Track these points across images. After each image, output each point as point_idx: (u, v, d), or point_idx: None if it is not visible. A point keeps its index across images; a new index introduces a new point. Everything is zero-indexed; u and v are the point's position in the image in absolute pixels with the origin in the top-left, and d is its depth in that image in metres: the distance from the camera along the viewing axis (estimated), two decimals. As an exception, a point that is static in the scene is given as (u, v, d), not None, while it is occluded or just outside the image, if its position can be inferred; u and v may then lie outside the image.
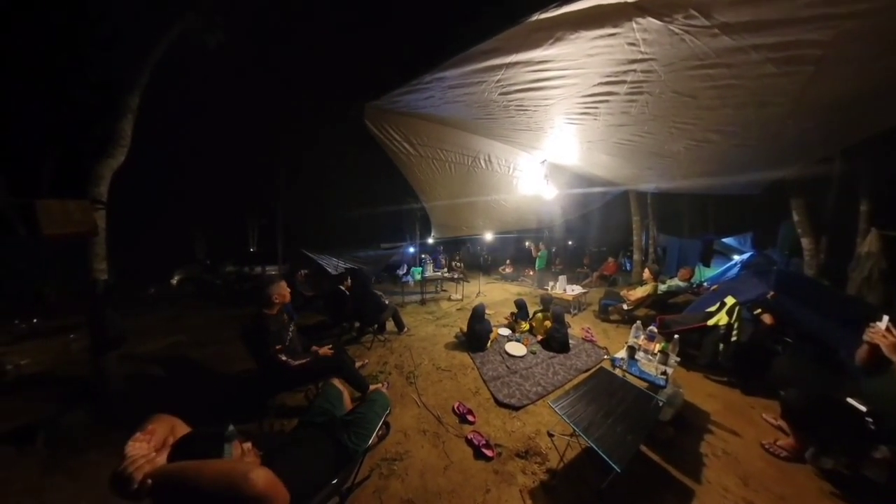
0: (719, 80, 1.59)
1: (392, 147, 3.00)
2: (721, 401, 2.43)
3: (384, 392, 1.73)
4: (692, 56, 1.41)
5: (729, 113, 1.91)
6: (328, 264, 5.79)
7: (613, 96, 1.84)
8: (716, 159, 2.66)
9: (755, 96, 1.71)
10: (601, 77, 1.66)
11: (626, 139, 2.51)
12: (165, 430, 0.88)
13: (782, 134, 2.11)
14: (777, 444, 1.86)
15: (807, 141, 2.22)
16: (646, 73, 1.58)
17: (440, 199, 4.19)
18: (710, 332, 2.87)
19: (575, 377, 2.81)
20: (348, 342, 3.68)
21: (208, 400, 2.54)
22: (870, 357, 1.58)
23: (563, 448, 1.85)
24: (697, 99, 1.79)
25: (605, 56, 1.47)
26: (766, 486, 1.62)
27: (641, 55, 1.44)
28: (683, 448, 1.89)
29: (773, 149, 2.36)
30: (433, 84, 1.81)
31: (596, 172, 4.09)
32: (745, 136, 2.19)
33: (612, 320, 4.47)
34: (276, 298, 2.03)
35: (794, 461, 1.77)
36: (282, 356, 1.92)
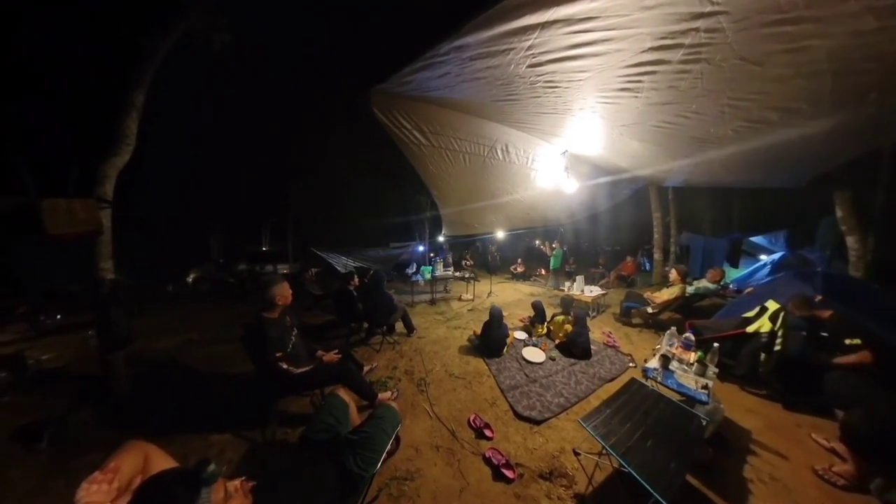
0: (799, 41, 1.31)
1: (402, 136, 2.78)
2: (762, 417, 2.16)
3: (393, 406, 1.56)
4: (774, 7, 1.14)
5: (800, 84, 1.60)
6: (337, 263, 5.68)
7: (663, 66, 1.57)
8: (767, 145, 2.31)
9: (838, 62, 1.42)
10: (653, 39, 1.39)
11: (667, 121, 2.20)
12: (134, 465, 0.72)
13: (859, 112, 1.77)
14: (832, 470, 1.61)
15: (885, 119, 1.87)
16: (710, 32, 1.30)
17: (453, 194, 3.97)
18: (749, 340, 2.57)
19: (599, 387, 2.56)
20: (356, 343, 3.50)
21: (214, 402, 2.43)
22: None
23: (591, 469, 1.63)
24: (764, 67, 1.50)
25: (665, 9, 1.21)
26: None
27: (711, 6, 1.17)
28: (725, 472, 1.65)
29: (840, 131, 2.02)
30: (451, 56, 1.58)
31: (620, 163, 3.76)
32: (811, 114, 1.87)
33: (634, 324, 4.16)
34: (279, 300, 1.86)
35: (852, 491, 1.52)
36: (282, 364, 1.74)
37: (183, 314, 5.26)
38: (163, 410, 2.29)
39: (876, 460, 1.51)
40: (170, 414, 2.24)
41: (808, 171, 2.99)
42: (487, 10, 1.25)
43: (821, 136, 2.08)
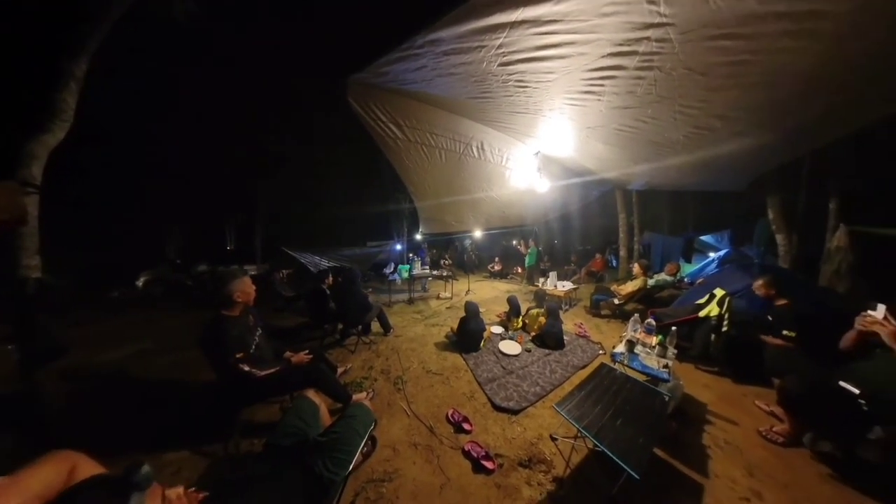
0: (734, 55, 1.49)
1: (378, 130, 2.74)
2: (715, 391, 2.42)
3: (366, 405, 1.49)
4: (713, 22, 1.29)
5: (737, 95, 1.82)
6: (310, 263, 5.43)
7: (621, 71, 1.69)
8: (713, 149, 2.58)
9: (766, 75, 1.63)
10: (612, 45, 1.50)
11: (627, 125, 2.38)
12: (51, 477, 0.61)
13: (785, 119, 2.04)
14: (773, 430, 1.87)
15: (804, 130, 2.17)
16: (660, 42, 1.43)
17: (429, 190, 3.97)
18: (701, 324, 2.88)
19: (573, 374, 2.69)
20: (330, 346, 3.35)
21: (170, 416, 2.19)
22: (857, 343, 1.68)
23: (567, 452, 1.71)
24: (708, 77, 1.68)
25: (621, 17, 1.31)
26: (769, 475, 1.61)
27: (660, 18, 1.29)
28: (687, 442, 1.83)
29: (772, 138, 2.30)
30: (426, 49, 1.59)
31: (590, 166, 4.00)
32: (748, 123, 2.12)
33: (603, 315, 4.45)
34: (238, 297, 1.71)
35: (790, 446, 1.78)
36: (244, 366, 1.60)
37: (133, 322, 4.73)
38: (106, 429, 2.02)
39: (805, 418, 1.76)
40: (115, 433, 1.99)
41: (747, 175, 3.39)
42: (458, 7, 1.28)
43: (756, 142, 2.37)
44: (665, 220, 8.25)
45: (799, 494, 1.48)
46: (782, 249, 4.43)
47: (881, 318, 1.50)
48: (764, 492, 1.49)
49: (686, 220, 8.04)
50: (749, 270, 3.43)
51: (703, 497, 1.47)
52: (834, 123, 2.11)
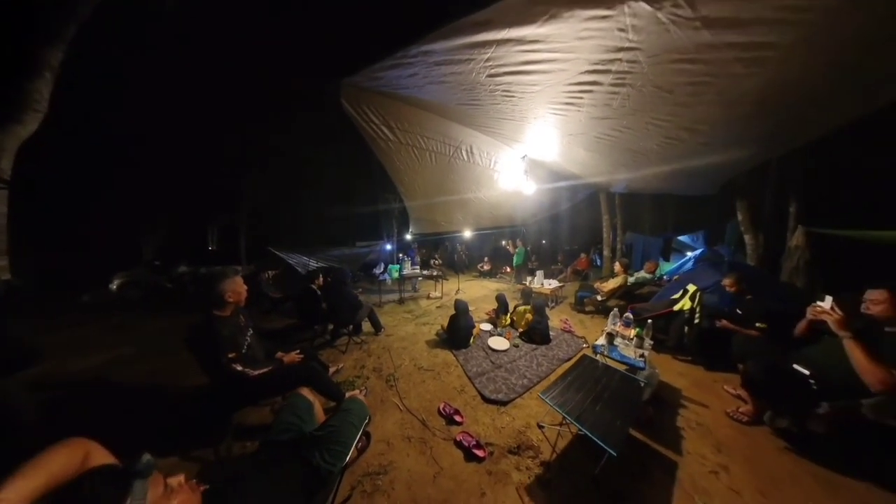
0: (695, 77, 1.66)
1: (370, 131, 2.80)
2: (689, 378, 2.64)
3: (360, 399, 1.56)
4: (674, 48, 1.45)
5: (699, 111, 2.01)
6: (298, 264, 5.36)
7: (598, 86, 1.85)
8: (683, 158, 2.82)
9: (722, 95, 1.82)
10: (588, 64, 1.65)
11: (606, 133, 2.56)
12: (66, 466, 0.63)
13: (741, 134, 2.26)
14: (739, 411, 2.08)
15: (759, 141, 2.41)
16: (630, 63, 1.59)
17: (419, 191, 4.05)
18: (676, 317, 3.12)
19: (558, 367, 2.84)
20: (321, 346, 3.35)
21: (156, 423, 2.15)
22: (808, 329, 1.92)
23: (554, 438, 1.83)
24: (674, 94, 1.85)
25: (595, 41, 1.45)
26: (735, 450, 1.80)
27: (629, 43, 1.44)
28: (662, 424, 2.00)
29: (732, 148, 2.54)
30: (418, 59, 1.68)
31: (573, 170, 4.20)
32: (711, 135, 2.33)
33: (588, 311, 4.67)
34: (230, 297, 1.71)
35: (753, 424, 1.99)
36: (237, 366, 1.61)
37: (110, 327, 4.54)
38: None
39: (766, 398, 1.96)
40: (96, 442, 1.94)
41: (716, 180, 3.67)
42: (449, 24, 1.38)
43: (719, 152, 2.60)
44: (646, 221, 8.68)
45: (760, 466, 1.68)
46: (750, 248, 4.79)
47: (828, 308, 1.67)
48: (730, 465, 1.67)
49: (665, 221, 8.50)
50: (719, 268, 3.69)
51: (677, 472, 1.62)
52: (784, 137, 2.36)
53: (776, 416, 1.90)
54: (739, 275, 2.91)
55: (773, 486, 1.55)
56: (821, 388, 1.68)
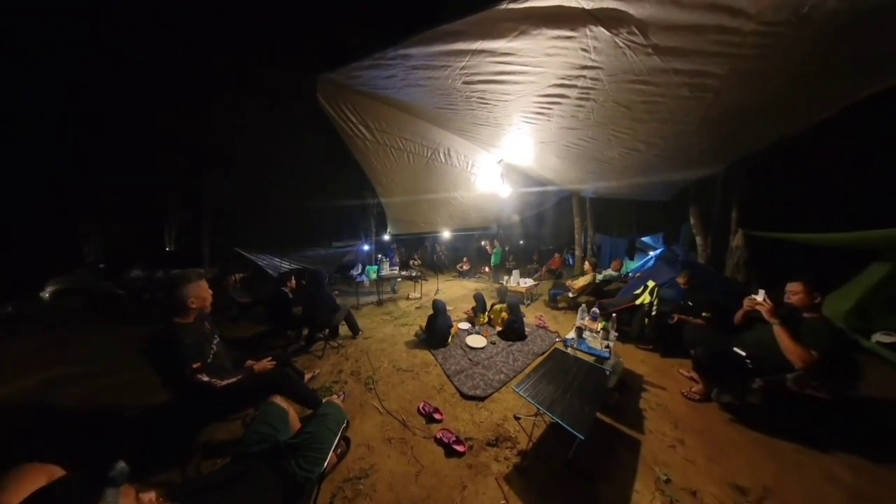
0: (648, 96, 1.86)
1: (347, 130, 2.77)
2: (649, 365, 2.90)
3: (337, 403, 1.51)
4: (630, 70, 1.62)
5: (654, 127, 2.24)
6: (269, 265, 5.08)
7: (565, 99, 1.99)
8: (641, 167, 3.10)
9: (672, 114, 2.05)
10: (556, 78, 1.78)
11: (574, 142, 2.75)
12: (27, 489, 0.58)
13: (689, 148, 2.54)
14: (692, 390, 2.34)
15: (705, 154, 2.72)
16: (593, 80, 1.75)
17: (397, 191, 4.05)
18: (637, 311, 3.42)
19: (533, 361, 2.99)
20: (295, 353, 3.24)
21: (102, 450, 1.93)
22: (744, 318, 2.22)
23: (530, 428, 1.93)
24: (631, 111, 2.05)
25: (562, 58, 1.58)
26: (689, 426, 2.02)
27: (591, 62, 1.58)
28: (628, 408, 2.19)
29: (682, 160, 2.84)
30: (397, 61, 1.71)
31: (547, 175, 4.43)
32: (664, 148, 2.61)
33: (560, 307, 4.93)
34: (193, 303, 1.57)
35: (703, 402, 2.25)
36: (202, 376, 1.50)
37: (42, 343, 3.97)
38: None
39: (712, 378, 2.23)
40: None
41: (672, 188, 4.07)
42: (427, 31, 1.43)
43: (675, 161, 2.90)
44: (613, 223, 9.34)
45: (710, 437, 1.91)
46: (700, 248, 5.34)
47: (761, 300, 1.91)
48: (686, 438, 1.89)
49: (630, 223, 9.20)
50: (674, 265, 4.10)
51: (641, 449, 1.79)
52: (724, 153, 2.70)
53: (721, 393, 2.20)
54: (691, 272, 3.27)
55: (721, 454, 1.79)
56: (755, 366, 1.98)
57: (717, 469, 1.67)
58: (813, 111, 1.97)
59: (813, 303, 1.87)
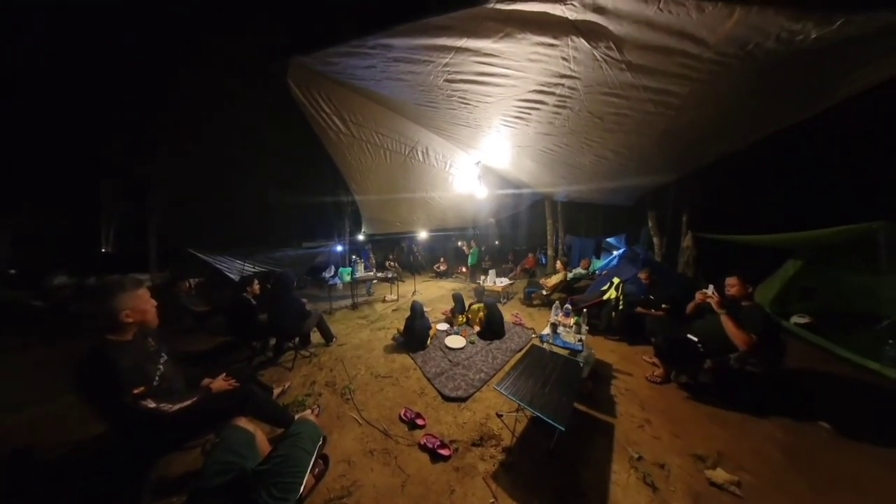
0: (619, 109, 2.02)
1: (320, 121, 2.60)
2: (618, 353, 3.14)
3: (311, 420, 1.44)
4: (605, 82, 1.74)
5: (620, 137, 2.42)
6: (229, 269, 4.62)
7: (544, 105, 2.07)
8: (608, 174, 3.33)
9: (639, 126, 2.23)
10: (536, 84, 1.84)
11: (549, 148, 2.87)
12: None
13: (650, 158, 2.79)
14: (654, 374, 2.61)
15: (663, 165, 2.99)
16: (571, 89, 1.84)
17: (372, 189, 3.90)
18: (605, 305, 3.72)
19: (511, 358, 3.07)
20: (262, 366, 2.98)
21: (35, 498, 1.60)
22: (695, 309, 2.54)
23: (512, 424, 1.99)
24: (603, 121, 2.20)
25: (543, 65, 1.64)
26: (653, 406, 2.25)
27: (570, 72, 1.66)
28: (600, 395, 2.36)
29: (646, 169, 3.10)
30: (377, 52, 1.64)
31: (522, 178, 4.57)
32: (629, 157, 2.83)
33: (535, 305, 5.15)
34: (128, 316, 1.31)
35: (664, 384, 2.52)
36: (147, 402, 1.27)
37: None
38: None
39: (671, 362, 2.51)
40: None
41: (633, 195, 4.43)
42: (411, 22, 1.39)
43: (635, 172, 3.15)
44: (582, 225, 9.98)
45: (672, 414, 2.15)
46: (657, 248, 5.92)
47: (710, 293, 2.21)
48: (651, 418, 2.10)
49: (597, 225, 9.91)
50: (636, 263, 4.48)
51: (615, 432, 1.95)
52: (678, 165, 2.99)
53: (679, 374, 2.51)
54: (651, 269, 3.60)
55: (682, 428, 2.01)
56: (705, 350, 2.29)
57: (679, 442, 1.88)
58: (751, 133, 2.29)
59: (747, 293, 2.21)
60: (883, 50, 1.30)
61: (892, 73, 1.43)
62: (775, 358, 2.15)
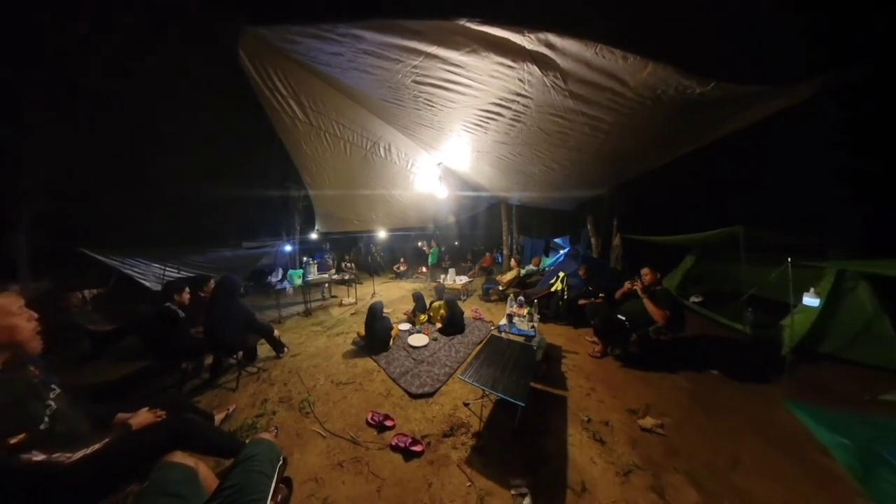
0: (562, 128, 2.38)
1: (273, 101, 2.36)
2: (565, 336, 3.64)
3: (266, 440, 1.28)
4: (552, 105, 2.03)
5: (563, 152, 2.81)
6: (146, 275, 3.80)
7: (501, 117, 2.30)
8: (555, 182, 3.78)
9: (578, 144, 2.66)
10: (496, 98, 2.05)
11: (505, 155, 3.14)
12: None
13: (587, 173, 3.27)
14: (595, 351, 3.10)
15: (598, 178, 3.52)
16: (525, 107, 2.11)
17: (329, 183, 3.68)
18: (553, 296, 4.28)
19: (473, 350, 3.29)
20: (197, 390, 2.59)
21: None
22: (623, 295, 3.14)
23: (479, 410, 2.14)
24: (550, 137, 2.52)
25: (502, 82, 1.84)
26: (596, 376, 2.71)
27: (525, 92, 1.91)
28: (553, 375, 2.71)
29: (584, 180, 3.59)
30: (347, 40, 1.61)
31: (480, 181, 4.84)
32: (570, 170, 3.30)
33: (493, 300, 5.54)
34: None
35: (603, 357, 3.04)
36: (34, 455, 0.98)
37: None
38: None
39: (606, 339, 3.03)
40: None
41: (575, 201, 5.07)
42: (386, 19, 1.40)
43: (576, 182, 3.62)
44: (533, 227, 10.94)
45: (610, 381, 2.60)
46: (595, 247, 6.89)
47: (636, 283, 2.87)
48: (595, 386, 2.52)
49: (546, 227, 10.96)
50: (577, 260, 5.12)
51: (568, 403, 2.27)
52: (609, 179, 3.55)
53: (614, 348, 3.09)
54: (587, 265, 4.28)
55: (619, 390, 2.47)
56: (632, 326, 2.87)
57: (617, 402, 2.30)
58: (659, 157, 2.92)
59: (657, 279, 2.89)
60: (739, 108, 1.83)
61: (748, 123, 2.02)
62: (680, 328, 2.83)
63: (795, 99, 1.66)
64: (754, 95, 1.64)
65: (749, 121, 2.01)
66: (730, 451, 1.80)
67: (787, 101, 1.71)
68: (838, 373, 2.66)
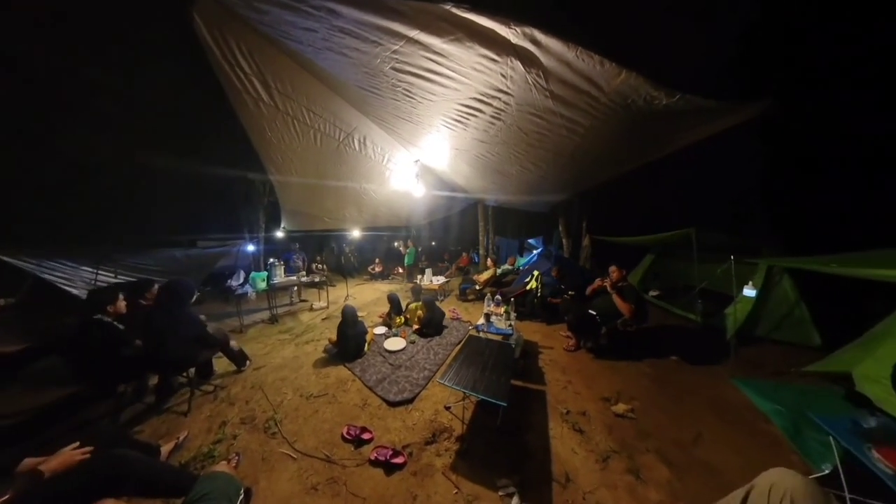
0: (540, 129, 2.40)
1: (233, 79, 2.09)
2: (541, 333, 3.75)
3: (222, 472, 1.16)
4: (532, 105, 2.04)
5: (541, 153, 2.87)
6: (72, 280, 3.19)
7: (481, 114, 2.28)
8: (531, 183, 3.88)
9: (555, 146, 2.72)
10: (477, 93, 2.02)
11: (483, 154, 3.14)
12: None
13: (561, 174, 3.37)
14: (569, 345, 3.26)
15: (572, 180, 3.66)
16: (506, 104, 2.10)
17: (296, 175, 3.33)
18: (528, 294, 4.40)
19: (452, 351, 3.25)
20: (139, 417, 2.21)
21: None
22: (594, 291, 3.32)
23: (461, 413, 2.09)
24: (528, 137, 2.55)
25: (485, 76, 1.81)
26: (571, 369, 2.84)
27: (507, 89, 1.90)
28: (531, 370, 2.79)
29: (558, 182, 3.71)
30: (322, 14, 1.46)
31: (458, 181, 4.81)
32: (547, 171, 3.36)
33: (470, 299, 5.56)
34: None
35: (577, 351, 3.20)
36: None
37: None
38: None
39: (579, 333, 3.22)
40: None
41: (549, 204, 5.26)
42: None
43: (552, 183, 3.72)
44: (508, 227, 11.25)
45: (584, 372, 2.74)
46: (565, 247, 7.23)
47: (605, 280, 3.05)
48: (571, 378, 2.63)
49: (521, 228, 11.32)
50: (550, 260, 5.32)
51: (547, 397, 2.33)
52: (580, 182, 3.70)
53: (586, 342, 3.26)
54: (559, 265, 4.56)
55: (593, 381, 2.60)
56: (602, 320, 3.06)
57: (592, 393, 2.42)
58: (628, 164, 3.10)
59: (623, 276, 3.11)
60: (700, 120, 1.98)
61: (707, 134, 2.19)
62: (643, 320, 3.07)
63: (743, 117, 1.84)
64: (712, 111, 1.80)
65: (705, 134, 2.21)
66: (692, 428, 1.99)
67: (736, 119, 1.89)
68: (770, 351, 3.15)
